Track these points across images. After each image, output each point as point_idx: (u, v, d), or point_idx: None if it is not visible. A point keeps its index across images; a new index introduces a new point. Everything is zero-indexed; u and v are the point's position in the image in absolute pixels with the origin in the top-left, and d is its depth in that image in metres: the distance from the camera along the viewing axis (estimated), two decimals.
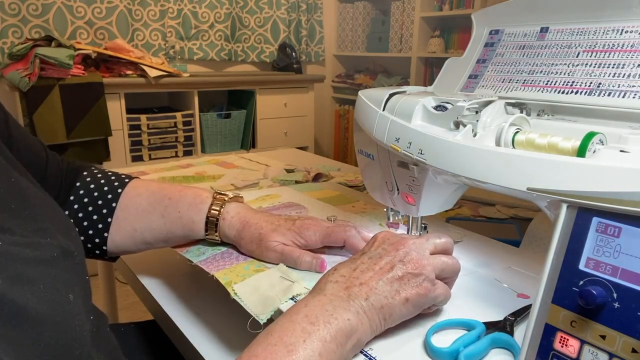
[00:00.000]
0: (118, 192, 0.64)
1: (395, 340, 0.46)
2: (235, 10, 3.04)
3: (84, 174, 0.66)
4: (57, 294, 0.37)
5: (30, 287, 0.35)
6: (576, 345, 0.36)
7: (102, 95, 2.19)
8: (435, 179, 0.55)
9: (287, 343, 0.39)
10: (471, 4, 2.71)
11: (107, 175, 0.67)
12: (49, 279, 0.37)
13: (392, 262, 0.47)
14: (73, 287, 0.40)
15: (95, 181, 0.65)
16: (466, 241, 0.69)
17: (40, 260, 0.38)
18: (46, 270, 0.38)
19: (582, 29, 0.51)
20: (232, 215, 0.62)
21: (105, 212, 0.63)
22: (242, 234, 0.61)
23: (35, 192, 0.47)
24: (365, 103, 0.58)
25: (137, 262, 0.78)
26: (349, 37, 3.52)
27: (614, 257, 0.35)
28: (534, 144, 0.45)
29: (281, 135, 2.92)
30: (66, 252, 0.42)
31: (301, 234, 0.60)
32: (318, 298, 0.44)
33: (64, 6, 2.47)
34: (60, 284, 0.38)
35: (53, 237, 0.42)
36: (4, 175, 0.44)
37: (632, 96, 0.45)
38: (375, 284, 0.45)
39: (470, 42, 0.61)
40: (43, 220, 0.43)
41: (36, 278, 0.36)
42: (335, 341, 0.41)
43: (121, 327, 0.75)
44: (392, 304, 0.45)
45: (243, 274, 0.57)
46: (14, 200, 0.42)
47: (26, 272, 0.36)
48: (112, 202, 0.64)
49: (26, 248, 0.37)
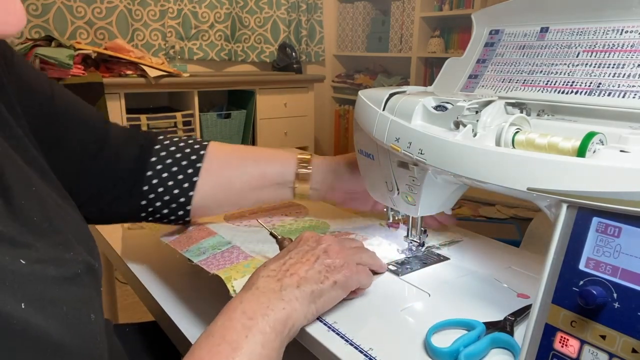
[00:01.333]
0: (201, 154, 0.66)
1: (395, 340, 0.46)
2: (235, 10, 3.04)
3: (160, 137, 0.68)
4: (80, 314, 0.38)
5: (53, 309, 0.35)
6: (576, 345, 0.36)
7: (102, 95, 2.19)
8: (435, 179, 0.55)
9: (230, 341, 0.41)
10: (471, 4, 2.71)
11: (185, 140, 0.69)
12: (72, 300, 0.37)
13: (317, 254, 0.51)
14: (94, 304, 0.41)
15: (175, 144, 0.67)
16: (466, 241, 0.69)
17: (64, 278, 0.38)
18: (70, 289, 0.38)
19: (582, 29, 0.51)
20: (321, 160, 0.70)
21: (190, 172, 0.65)
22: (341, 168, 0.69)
23: (55, 199, 0.46)
24: (365, 103, 0.58)
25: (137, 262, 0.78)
26: (349, 37, 3.52)
27: (614, 257, 0.35)
28: (534, 144, 0.45)
29: (281, 135, 2.92)
30: (89, 268, 0.42)
31: None
32: (252, 292, 0.46)
33: (64, 6, 2.47)
34: (83, 303, 0.39)
35: (76, 252, 0.42)
36: (25, 184, 0.43)
37: (632, 96, 0.45)
38: (304, 273, 0.48)
39: (470, 42, 0.61)
40: (65, 232, 0.43)
41: (59, 298, 0.36)
42: (274, 331, 0.43)
43: (122, 328, 0.76)
44: (321, 288, 0.48)
45: (243, 271, 0.57)
46: (35, 212, 0.41)
47: (50, 292, 0.36)
48: (196, 163, 0.66)
49: (50, 265, 0.37)
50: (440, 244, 0.67)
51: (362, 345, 0.45)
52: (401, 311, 0.51)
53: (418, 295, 0.54)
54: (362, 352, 0.44)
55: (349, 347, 0.45)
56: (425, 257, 0.63)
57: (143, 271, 0.74)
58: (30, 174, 0.45)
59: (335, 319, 0.49)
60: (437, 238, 0.69)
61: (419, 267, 0.61)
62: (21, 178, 0.43)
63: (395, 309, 0.52)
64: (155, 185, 0.64)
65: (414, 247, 0.64)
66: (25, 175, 0.44)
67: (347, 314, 0.50)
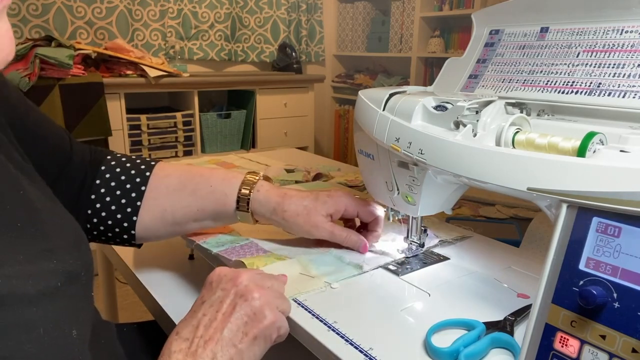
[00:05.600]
0: (146, 175, 0.63)
1: (395, 340, 0.46)
2: (235, 10, 3.04)
3: (108, 157, 0.65)
4: (60, 334, 0.36)
5: (29, 334, 0.34)
6: (576, 345, 0.36)
7: (102, 95, 2.19)
8: (435, 179, 0.55)
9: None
10: (471, 4, 2.71)
11: (132, 160, 0.66)
12: (50, 318, 0.36)
13: (234, 301, 0.46)
14: (77, 317, 0.39)
15: (121, 165, 0.64)
16: (466, 241, 0.69)
17: (42, 295, 0.36)
18: (48, 306, 0.36)
19: (582, 29, 0.51)
20: (267, 189, 0.62)
21: (134, 195, 0.62)
22: (284, 206, 0.60)
23: (44, 202, 0.45)
24: (365, 103, 0.58)
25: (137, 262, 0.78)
26: (349, 37, 3.52)
27: (614, 257, 0.35)
28: (534, 144, 0.45)
29: (281, 135, 2.92)
30: (72, 277, 0.40)
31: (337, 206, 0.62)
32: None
33: (64, 6, 2.47)
34: (63, 320, 0.37)
35: (59, 259, 0.40)
36: (14, 188, 0.42)
37: (632, 96, 0.45)
38: (220, 335, 0.44)
39: (470, 42, 0.61)
40: (52, 236, 0.42)
41: (36, 320, 0.35)
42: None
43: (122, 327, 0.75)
44: (241, 350, 0.44)
45: (265, 261, 0.58)
46: (22, 216, 0.40)
47: (25, 315, 0.34)
48: (140, 186, 0.62)
49: (28, 280, 0.36)
50: (452, 239, 0.68)
51: (362, 345, 0.45)
52: (401, 311, 0.51)
53: (418, 295, 0.54)
54: (362, 352, 0.44)
55: (349, 347, 0.45)
56: (425, 257, 0.63)
57: (143, 271, 0.74)
58: (19, 178, 0.44)
59: (335, 319, 0.49)
60: (448, 234, 0.69)
61: (419, 267, 0.61)
62: (9, 181, 0.42)
63: (395, 309, 0.52)
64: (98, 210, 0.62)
65: (414, 247, 0.64)
66: (14, 179, 0.43)
67: (347, 314, 0.50)
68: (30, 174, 0.48)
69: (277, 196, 0.61)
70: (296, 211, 0.59)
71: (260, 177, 0.64)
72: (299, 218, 0.59)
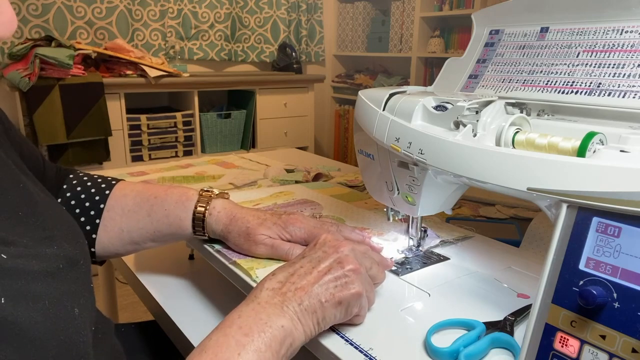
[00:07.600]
0: (106, 194, 0.64)
1: (395, 340, 0.46)
2: (235, 10, 3.04)
3: (70, 176, 0.66)
4: (63, 309, 0.37)
5: (35, 304, 0.35)
6: (576, 345, 0.36)
7: (102, 95, 2.19)
8: (435, 179, 0.55)
9: (222, 359, 0.39)
10: (471, 4, 2.71)
11: (94, 179, 0.67)
12: (54, 294, 0.37)
13: (331, 264, 0.48)
14: (78, 299, 0.40)
15: (82, 184, 0.65)
16: (466, 241, 0.69)
17: (46, 273, 0.38)
18: (52, 284, 0.38)
19: (582, 29, 0.51)
20: (219, 210, 0.63)
21: (93, 214, 0.63)
22: (229, 228, 0.62)
23: (42, 197, 0.47)
24: (365, 103, 0.58)
25: (137, 262, 0.78)
26: (349, 37, 3.52)
27: (614, 257, 0.35)
28: (534, 144, 0.45)
29: (281, 135, 2.92)
30: (72, 262, 0.42)
31: (287, 229, 0.60)
32: (252, 307, 0.44)
33: (64, 6, 2.47)
34: (66, 297, 0.38)
35: (59, 246, 0.42)
36: (14, 180, 0.44)
37: (632, 96, 0.45)
38: (311, 288, 0.46)
39: (470, 42, 0.61)
40: (50, 227, 0.43)
41: (41, 293, 0.36)
42: (270, 349, 0.41)
43: (121, 327, 0.76)
44: (325, 307, 0.46)
45: (265, 263, 0.59)
46: (22, 206, 0.42)
47: (32, 288, 0.35)
48: (100, 204, 0.64)
49: (32, 259, 0.37)
50: (454, 239, 0.68)
51: (362, 345, 0.45)
52: (401, 311, 0.51)
53: (418, 295, 0.54)
54: (362, 352, 0.44)
55: (349, 347, 0.45)
56: (425, 257, 0.63)
57: (143, 271, 0.74)
58: (19, 173, 0.46)
59: None
60: (449, 234, 0.69)
61: (419, 267, 0.61)
62: (9, 174, 0.44)
63: (395, 309, 0.52)
64: None
65: (414, 247, 0.64)
66: (14, 173, 0.45)
67: None
68: (27, 172, 0.50)
69: (226, 218, 0.62)
70: (238, 232, 0.61)
71: (213, 196, 0.64)
72: (240, 238, 0.61)
